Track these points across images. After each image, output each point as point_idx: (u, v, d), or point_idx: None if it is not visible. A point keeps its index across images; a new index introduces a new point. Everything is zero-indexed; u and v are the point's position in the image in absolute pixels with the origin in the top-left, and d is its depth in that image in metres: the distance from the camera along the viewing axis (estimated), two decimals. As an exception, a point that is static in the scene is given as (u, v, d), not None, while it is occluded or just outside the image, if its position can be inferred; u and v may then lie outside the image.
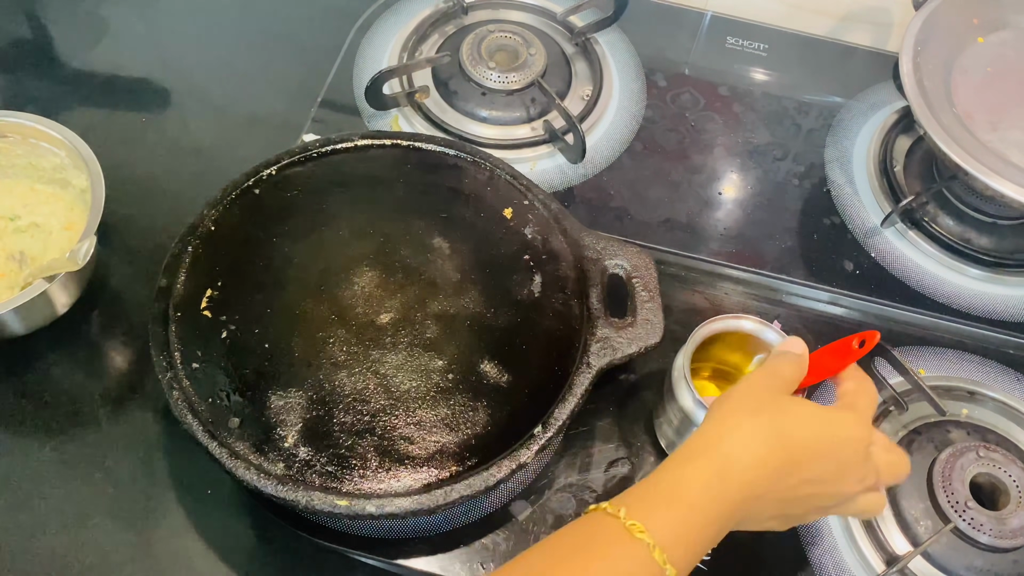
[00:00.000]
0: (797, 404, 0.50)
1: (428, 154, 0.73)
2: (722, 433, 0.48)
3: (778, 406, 0.50)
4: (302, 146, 0.71)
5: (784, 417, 0.49)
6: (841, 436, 0.50)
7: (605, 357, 0.63)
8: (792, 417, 0.49)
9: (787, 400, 0.51)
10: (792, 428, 0.49)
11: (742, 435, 0.48)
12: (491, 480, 0.56)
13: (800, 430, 0.49)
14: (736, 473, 0.47)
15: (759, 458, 0.47)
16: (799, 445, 0.48)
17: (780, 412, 0.49)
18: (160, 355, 0.60)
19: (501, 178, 0.71)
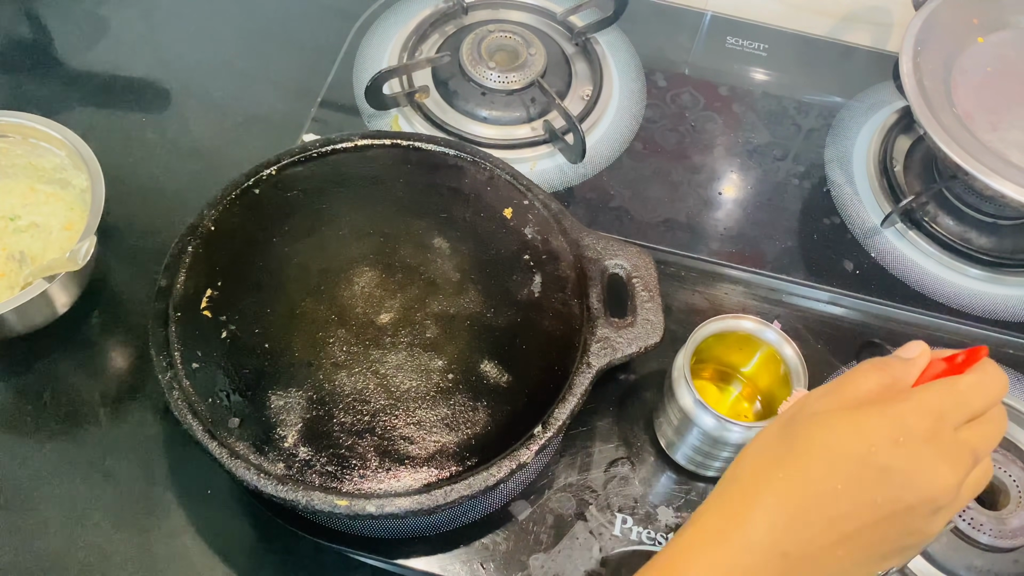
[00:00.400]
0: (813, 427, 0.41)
1: (428, 154, 0.73)
2: (729, 483, 0.41)
3: (793, 431, 0.41)
4: (302, 146, 0.71)
5: (795, 444, 0.40)
6: (878, 438, 0.39)
7: (605, 357, 0.63)
8: (805, 438, 0.40)
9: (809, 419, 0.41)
10: (806, 454, 0.40)
11: (746, 482, 0.40)
12: (491, 480, 0.56)
13: (815, 453, 0.40)
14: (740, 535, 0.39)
15: (771, 507, 0.39)
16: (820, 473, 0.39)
17: (790, 439, 0.41)
18: (160, 355, 0.60)
19: (501, 178, 0.71)
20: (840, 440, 0.39)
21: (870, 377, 0.42)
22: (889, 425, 0.39)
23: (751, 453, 0.41)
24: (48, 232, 0.73)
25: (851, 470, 0.38)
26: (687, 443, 0.64)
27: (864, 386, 0.41)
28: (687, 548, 0.39)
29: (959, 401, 0.41)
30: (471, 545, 0.63)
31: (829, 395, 0.42)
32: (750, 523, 0.38)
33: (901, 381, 0.42)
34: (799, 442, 0.40)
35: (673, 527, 0.65)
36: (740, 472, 0.41)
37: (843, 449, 0.39)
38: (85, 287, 0.71)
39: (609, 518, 0.65)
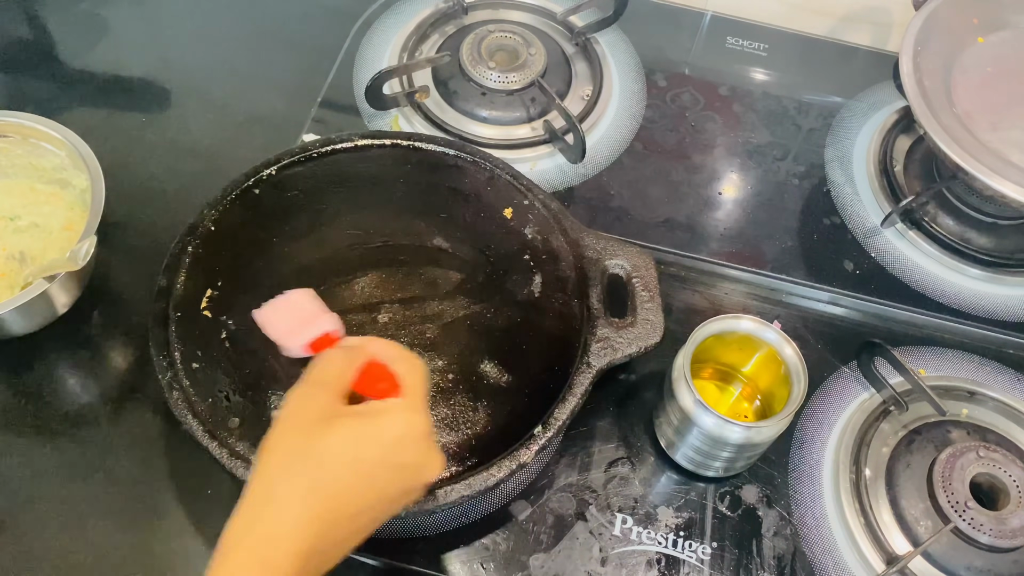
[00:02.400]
0: (334, 433, 0.45)
1: (428, 154, 0.73)
2: (259, 508, 0.43)
3: (312, 446, 0.44)
4: (302, 146, 0.71)
5: (319, 459, 0.44)
6: (390, 442, 0.46)
7: (605, 357, 0.63)
8: (329, 454, 0.44)
9: (323, 431, 0.45)
10: (330, 467, 0.44)
11: (277, 505, 0.43)
12: (491, 480, 0.56)
13: (339, 466, 0.44)
14: (281, 553, 0.42)
15: (301, 521, 0.43)
16: (343, 487, 0.44)
17: (313, 455, 0.44)
18: (160, 355, 0.60)
19: (501, 178, 0.71)
20: (359, 448, 0.45)
21: (347, 368, 0.48)
22: (401, 426, 0.46)
23: (275, 469, 0.45)
24: (48, 232, 0.73)
25: (369, 471, 0.45)
26: (687, 443, 0.64)
27: (345, 378, 0.47)
28: (219, 555, 0.42)
29: (425, 394, 0.49)
30: (471, 545, 0.63)
31: (320, 391, 0.46)
32: (289, 542, 0.42)
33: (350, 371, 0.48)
34: (321, 454, 0.44)
35: (673, 527, 0.65)
36: (271, 489, 0.44)
37: (363, 456, 0.45)
38: (85, 287, 0.71)
39: (609, 518, 0.65)
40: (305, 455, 0.44)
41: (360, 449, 0.45)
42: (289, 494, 0.43)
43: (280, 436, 0.46)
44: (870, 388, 0.72)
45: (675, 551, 0.64)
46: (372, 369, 0.49)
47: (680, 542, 0.64)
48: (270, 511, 0.43)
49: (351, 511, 0.45)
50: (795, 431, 0.70)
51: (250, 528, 0.43)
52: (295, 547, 0.42)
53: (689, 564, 0.63)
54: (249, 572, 0.42)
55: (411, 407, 0.47)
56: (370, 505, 0.46)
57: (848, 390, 0.72)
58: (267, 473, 0.45)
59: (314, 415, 0.46)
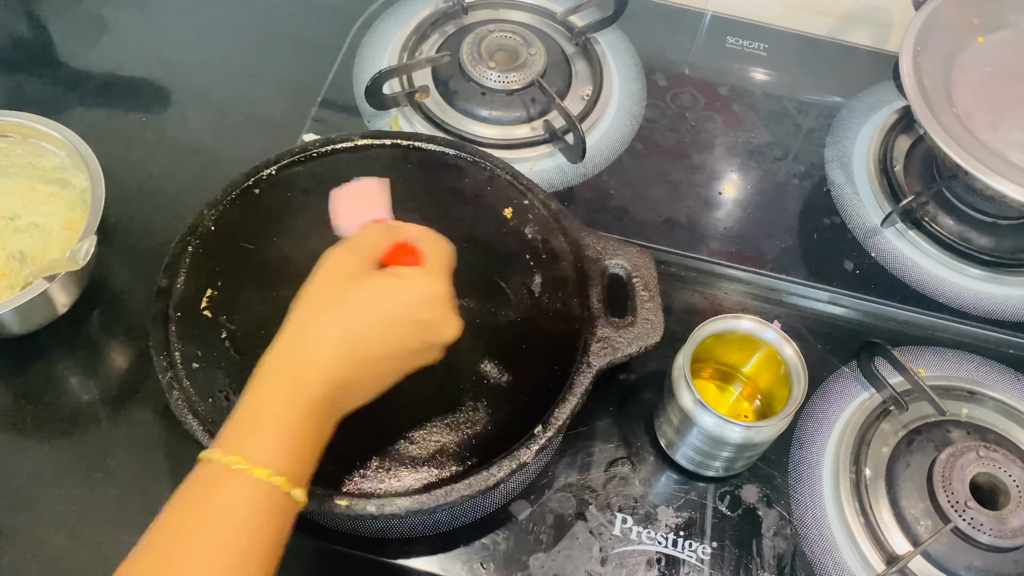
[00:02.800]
0: (365, 286, 0.51)
1: (428, 154, 0.73)
2: (296, 339, 0.50)
3: (346, 294, 0.51)
4: (302, 146, 0.71)
5: (352, 306, 0.50)
6: (413, 300, 0.51)
7: (605, 357, 0.63)
8: (360, 302, 0.50)
9: (356, 284, 0.51)
10: (361, 313, 0.50)
11: (312, 338, 0.49)
12: (491, 480, 0.56)
13: (368, 313, 0.50)
14: (313, 376, 0.48)
15: (332, 354, 0.49)
16: (369, 327, 0.50)
17: (347, 302, 0.50)
18: (160, 355, 0.60)
19: (501, 178, 0.71)
20: (384, 301, 0.51)
21: (382, 240, 0.54)
22: (422, 288, 0.52)
23: (310, 311, 0.51)
24: (48, 232, 0.73)
25: (392, 324, 0.51)
26: (687, 443, 0.64)
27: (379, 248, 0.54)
28: (276, 394, 0.48)
29: (447, 266, 0.55)
30: (471, 545, 0.63)
31: (355, 254, 0.53)
32: (320, 368, 0.48)
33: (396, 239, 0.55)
34: (351, 302, 0.50)
35: (673, 527, 0.65)
36: (305, 326, 0.50)
37: (387, 308, 0.51)
38: (85, 287, 0.71)
39: (609, 518, 0.65)
40: (338, 301, 0.50)
41: (386, 301, 0.51)
42: (321, 330, 0.49)
43: (317, 284, 0.52)
44: (870, 388, 0.72)
45: (675, 551, 0.64)
46: (403, 247, 0.54)
47: (680, 542, 0.64)
48: (306, 342, 0.49)
49: (375, 354, 0.50)
50: (795, 431, 0.70)
51: (287, 356, 0.49)
52: (325, 374, 0.48)
53: (689, 564, 0.63)
54: (285, 390, 0.48)
55: (433, 273, 0.53)
56: (392, 353, 0.51)
57: (848, 390, 0.72)
58: (303, 313, 0.51)
59: (349, 271, 0.52)
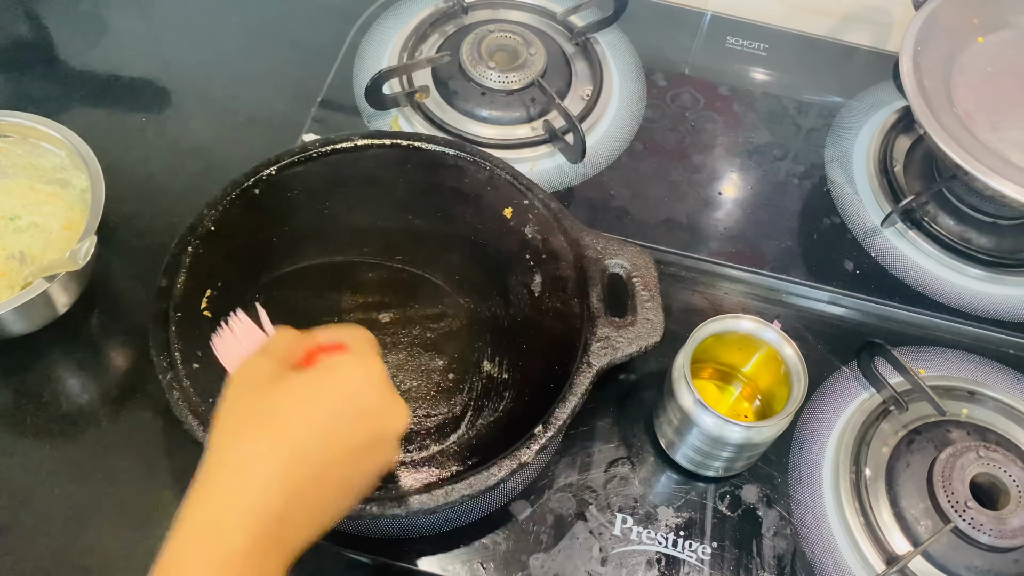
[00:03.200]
0: (289, 389, 0.43)
1: (428, 154, 0.73)
2: (212, 478, 0.41)
3: (267, 404, 0.43)
4: (302, 146, 0.71)
5: (277, 415, 0.42)
6: (349, 389, 0.44)
7: (605, 356, 0.63)
8: (286, 408, 0.42)
9: (277, 389, 0.43)
10: (289, 421, 0.42)
11: (232, 470, 0.40)
12: (491, 480, 0.56)
13: (298, 418, 0.42)
14: (235, 522, 0.39)
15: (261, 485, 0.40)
16: (302, 442, 0.41)
17: (270, 412, 0.42)
18: (160, 355, 0.60)
19: (501, 178, 0.71)
20: (315, 398, 0.43)
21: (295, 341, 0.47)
22: (357, 372, 0.44)
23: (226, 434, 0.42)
24: (48, 232, 0.73)
25: (329, 421, 0.42)
26: (687, 443, 0.64)
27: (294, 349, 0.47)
28: (185, 553, 0.39)
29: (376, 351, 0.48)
30: (471, 545, 0.63)
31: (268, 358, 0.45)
32: (242, 510, 0.39)
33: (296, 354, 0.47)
34: (273, 410, 0.42)
35: (673, 527, 0.65)
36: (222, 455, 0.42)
37: (320, 406, 0.43)
38: (85, 287, 0.71)
39: (609, 518, 0.65)
40: (258, 415, 0.42)
41: (317, 400, 0.43)
42: (241, 459, 0.41)
43: (231, 402, 0.44)
44: (870, 388, 0.72)
45: (675, 551, 0.64)
46: (320, 348, 0.48)
47: (680, 542, 0.64)
48: (222, 479, 0.40)
49: (314, 469, 0.42)
50: (795, 431, 0.70)
51: (202, 501, 0.40)
52: (252, 514, 0.39)
53: (689, 564, 0.63)
54: (201, 552, 0.39)
55: (363, 355, 0.46)
56: (335, 459, 0.43)
57: (848, 390, 0.72)
58: (219, 441, 0.42)
59: (264, 378, 0.44)
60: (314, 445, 0.42)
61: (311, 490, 0.41)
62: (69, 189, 0.75)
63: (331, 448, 0.42)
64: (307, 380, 0.44)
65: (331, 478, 0.43)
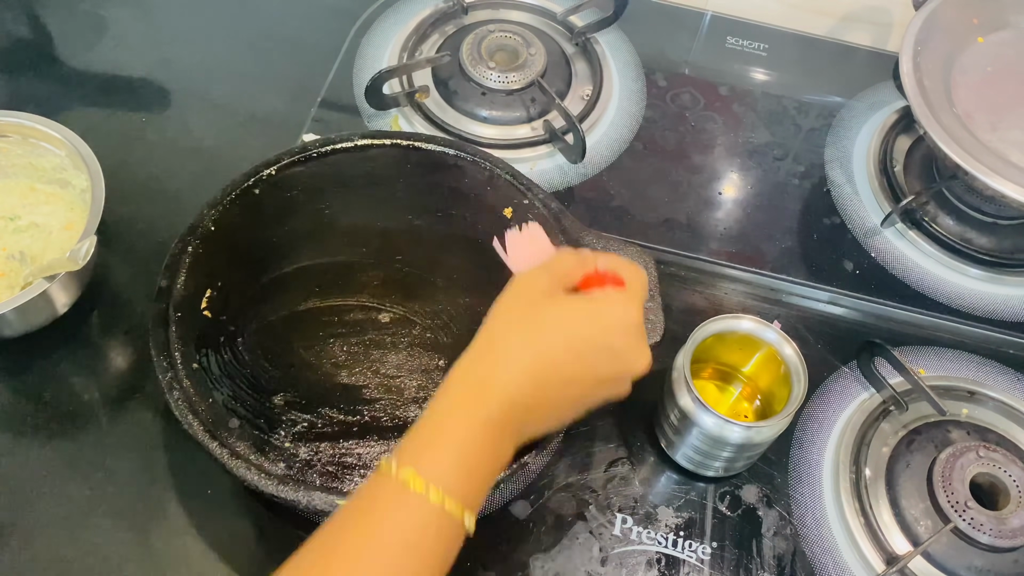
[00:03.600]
0: (558, 307, 0.50)
1: (428, 154, 0.73)
2: (482, 355, 0.49)
3: (537, 313, 0.50)
4: (302, 146, 0.71)
5: (542, 325, 0.49)
6: (607, 324, 0.50)
7: (605, 357, 0.62)
8: (552, 321, 0.49)
9: (549, 304, 0.50)
10: (551, 333, 0.49)
11: (499, 355, 0.48)
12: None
13: (559, 334, 0.49)
14: (494, 393, 0.47)
15: (518, 373, 0.48)
16: (557, 353, 0.48)
17: (538, 321, 0.49)
18: (160, 355, 0.60)
19: (501, 178, 0.71)
20: (577, 323, 0.49)
21: (577, 265, 0.53)
22: (618, 313, 0.50)
23: (499, 326, 0.50)
24: (48, 232, 0.73)
25: (583, 348, 0.49)
26: (687, 443, 0.64)
27: (574, 273, 0.52)
28: (453, 408, 0.47)
29: (644, 297, 0.53)
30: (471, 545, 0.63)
31: (549, 275, 0.52)
32: (501, 386, 0.47)
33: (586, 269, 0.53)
34: (542, 321, 0.49)
35: (673, 527, 0.65)
36: (492, 342, 0.49)
37: (579, 331, 0.49)
38: (85, 287, 0.71)
39: (609, 518, 0.65)
40: (527, 319, 0.49)
41: (576, 324, 0.49)
42: (509, 348, 0.48)
43: (508, 302, 0.51)
44: (870, 388, 0.72)
45: (675, 551, 0.64)
46: (600, 276, 0.53)
47: (680, 542, 0.64)
48: (491, 359, 0.48)
49: (561, 377, 0.49)
50: (795, 431, 0.70)
51: (471, 371, 0.48)
52: (507, 392, 0.47)
53: (689, 564, 0.63)
54: (465, 405, 0.47)
55: (629, 299, 0.51)
56: (579, 377, 0.49)
57: (848, 390, 0.72)
58: (491, 330, 0.50)
59: (540, 291, 0.51)
60: (565, 361, 0.49)
61: (553, 392, 0.49)
62: (69, 189, 0.75)
63: (577, 368, 0.49)
64: (574, 307, 0.50)
65: (570, 391, 0.50)
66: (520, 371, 0.48)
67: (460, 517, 0.45)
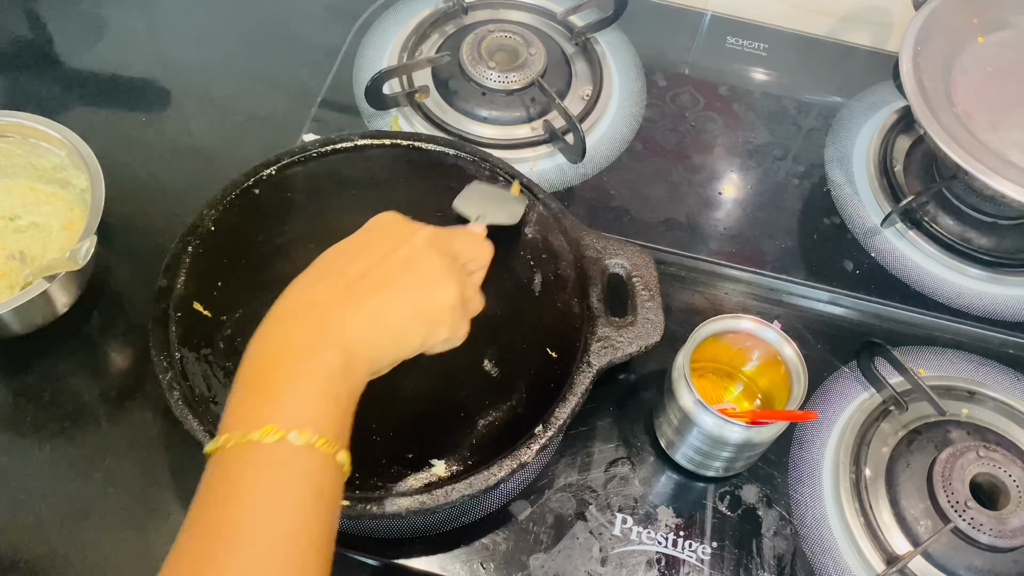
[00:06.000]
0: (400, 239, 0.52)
1: (428, 154, 0.73)
2: (313, 281, 0.49)
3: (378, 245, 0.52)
4: (302, 146, 0.71)
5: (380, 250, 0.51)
6: (454, 247, 0.53)
7: (605, 356, 0.63)
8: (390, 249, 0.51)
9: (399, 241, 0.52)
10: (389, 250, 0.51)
11: (333, 279, 0.48)
12: (492, 479, 0.56)
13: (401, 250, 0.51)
14: (336, 318, 0.46)
15: (308, 276, 0.48)
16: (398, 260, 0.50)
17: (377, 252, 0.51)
18: (160, 355, 0.60)
19: (501, 178, 0.71)
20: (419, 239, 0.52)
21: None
22: (468, 239, 0.54)
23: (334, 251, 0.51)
24: (48, 232, 0.73)
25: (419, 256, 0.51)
26: (687, 443, 0.64)
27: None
28: (289, 345, 0.45)
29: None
30: (471, 545, 0.63)
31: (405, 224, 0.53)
32: (336, 305, 0.47)
33: None
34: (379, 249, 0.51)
35: (673, 527, 0.65)
36: (323, 262, 0.51)
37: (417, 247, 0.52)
38: (85, 287, 0.71)
39: (609, 518, 0.65)
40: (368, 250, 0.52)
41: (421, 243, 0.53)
42: (343, 271, 0.49)
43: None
44: (870, 388, 0.72)
45: (675, 551, 0.64)
46: None
47: (680, 542, 0.64)
48: (325, 284, 0.49)
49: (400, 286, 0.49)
50: (795, 431, 0.70)
51: (302, 298, 0.48)
52: (349, 315, 0.47)
53: (689, 564, 0.63)
54: (307, 337, 0.45)
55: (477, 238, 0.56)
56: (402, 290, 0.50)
57: (848, 390, 0.72)
58: (326, 256, 0.52)
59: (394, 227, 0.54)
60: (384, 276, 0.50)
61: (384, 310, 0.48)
62: (69, 189, 0.75)
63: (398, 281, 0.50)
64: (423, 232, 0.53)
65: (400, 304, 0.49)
66: (359, 288, 0.48)
67: (334, 457, 0.42)
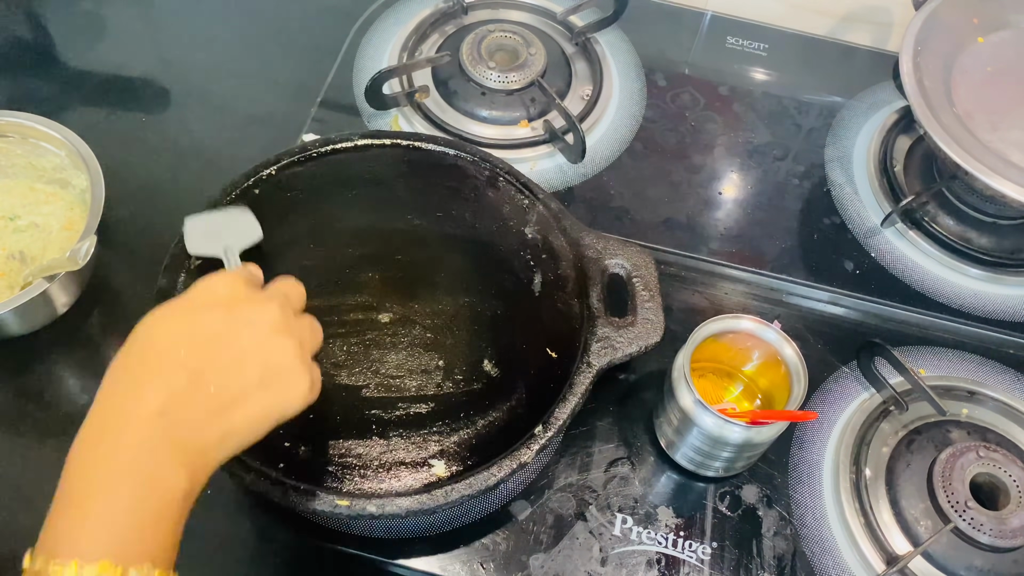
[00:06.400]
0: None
1: (428, 154, 0.73)
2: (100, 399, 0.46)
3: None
4: (302, 146, 0.71)
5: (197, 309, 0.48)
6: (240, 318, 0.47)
7: (605, 356, 0.63)
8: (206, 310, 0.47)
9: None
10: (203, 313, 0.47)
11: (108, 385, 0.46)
12: (491, 480, 0.56)
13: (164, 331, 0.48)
14: (146, 406, 0.44)
15: (147, 361, 0.46)
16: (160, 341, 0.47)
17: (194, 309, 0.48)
18: (160, 355, 0.60)
19: (501, 178, 0.71)
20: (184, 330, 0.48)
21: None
22: (251, 313, 0.47)
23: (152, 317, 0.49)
24: (48, 232, 0.73)
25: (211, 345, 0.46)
26: (687, 443, 0.64)
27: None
28: (87, 463, 0.44)
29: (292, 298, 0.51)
30: (471, 545, 0.63)
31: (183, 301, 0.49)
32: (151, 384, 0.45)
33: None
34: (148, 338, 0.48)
35: (673, 527, 0.65)
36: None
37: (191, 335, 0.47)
38: (85, 287, 0.71)
39: (609, 518, 0.65)
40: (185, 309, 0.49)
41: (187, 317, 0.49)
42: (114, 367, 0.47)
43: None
44: (870, 388, 0.72)
45: (675, 551, 0.64)
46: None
47: (680, 542, 0.64)
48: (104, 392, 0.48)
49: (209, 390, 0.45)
50: (795, 431, 0.70)
51: (96, 415, 0.47)
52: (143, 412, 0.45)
53: (689, 564, 0.63)
54: (94, 457, 0.45)
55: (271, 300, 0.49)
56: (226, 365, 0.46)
57: (848, 390, 0.72)
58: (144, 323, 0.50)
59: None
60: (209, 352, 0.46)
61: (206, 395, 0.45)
62: (69, 189, 0.75)
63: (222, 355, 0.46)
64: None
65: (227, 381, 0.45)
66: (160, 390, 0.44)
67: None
